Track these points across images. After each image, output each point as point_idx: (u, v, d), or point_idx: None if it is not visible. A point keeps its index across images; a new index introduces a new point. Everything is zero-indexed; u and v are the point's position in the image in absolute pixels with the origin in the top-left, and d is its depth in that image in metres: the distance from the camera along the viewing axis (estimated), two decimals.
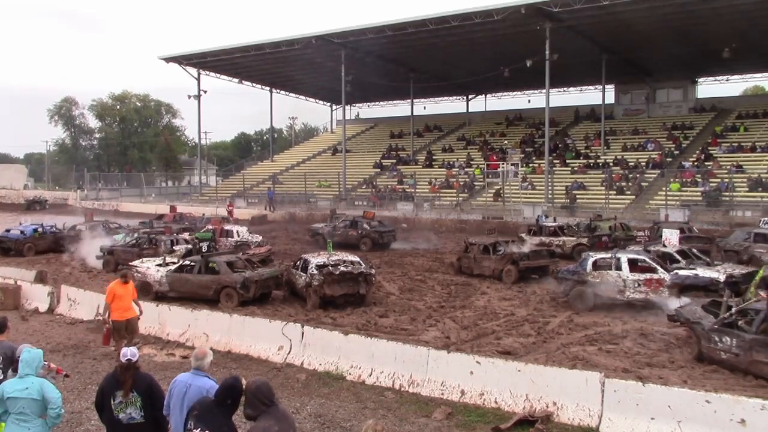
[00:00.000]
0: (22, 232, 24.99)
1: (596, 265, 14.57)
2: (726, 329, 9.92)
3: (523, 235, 23.75)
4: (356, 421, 8.08)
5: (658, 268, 14.19)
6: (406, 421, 8.12)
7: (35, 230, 25.24)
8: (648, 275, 14.07)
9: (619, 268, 14.29)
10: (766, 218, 23.29)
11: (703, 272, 14.16)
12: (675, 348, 11.33)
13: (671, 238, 17.15)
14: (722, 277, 13.71)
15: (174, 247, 20.39)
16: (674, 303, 13.49)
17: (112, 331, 10.88)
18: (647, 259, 14.57)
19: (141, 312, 11.23)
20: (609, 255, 14.90)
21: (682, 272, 14.13)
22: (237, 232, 24.04)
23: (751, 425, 6.79)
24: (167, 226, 25.56)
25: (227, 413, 4.48)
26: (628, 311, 14.08)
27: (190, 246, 19.21)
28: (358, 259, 16.14)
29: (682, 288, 13.69)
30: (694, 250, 16.92)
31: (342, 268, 15.00)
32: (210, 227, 25.49)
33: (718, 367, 9.86)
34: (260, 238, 24.39)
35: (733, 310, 10.16)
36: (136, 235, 22.71)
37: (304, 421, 8.07)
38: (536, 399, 8.24)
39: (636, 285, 14.04)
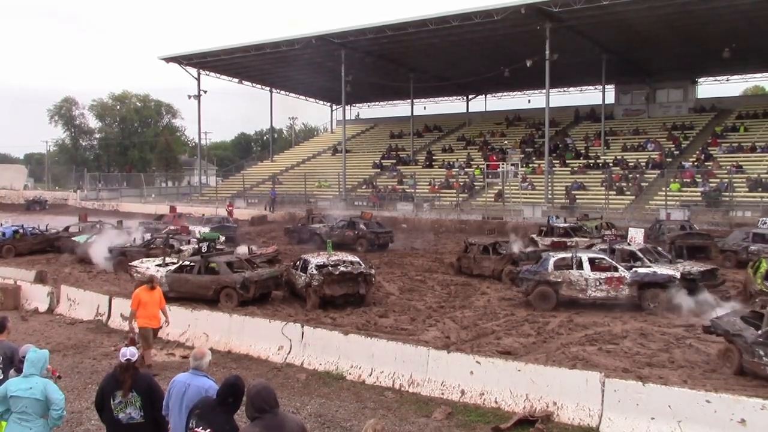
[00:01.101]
0: (3, 233, 24.46)
1: (558, 265, 14.80)
2: None
3: (533, 235, 23.71)
4: (356, 421, 8.08)
5: (619, 266, 14.58)
6: (406, 421, 8.12)
7: (15, 231, 24.65)
8: (609, 274, 14.45)
9: (580, 267, 14.58)
10: (764, 218, 23.36)
11: (661, 270, 14.69)
12: (675, 348, 11.34)
13: (636, 236, 17.71)
14: (679, 274, 14.35)
15: (182, 247, 20.29)
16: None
17: (137, 339, 10.35)
18: (608, 258, 15.02)
19: (168, 323, 10.88)
20: (569, 254, 15.21)
21: (641, 270, 14.62)
22: (199, 232, 24.00)
23: (751, 425, 6.79)
24: (184, 226, 25.29)
25: (229, 412, 4.49)
26: (627, 311, 14.13)
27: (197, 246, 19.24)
28: (357, 259, 16.16)
29: (641, 285, 14.16)
30: (659, 248, 17.78)
31: (342, 268, 15.00)
32: (172, 227, 25.46)
33: (764, 382, 9.36)
34: (223, 238, 24.33)
35: None
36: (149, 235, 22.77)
37: (304, 421, 8.04)
38: (536, 399, 8.23)
39: (597, 283, 14.37)
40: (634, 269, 14.60)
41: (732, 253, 20.29)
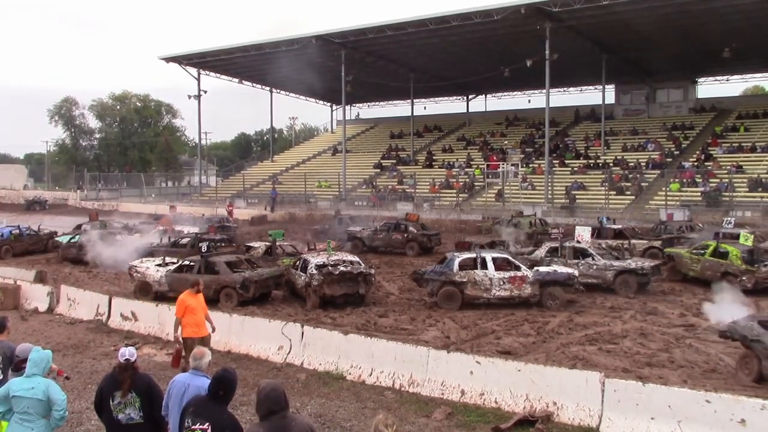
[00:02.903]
0: (1, 234, 24.48)
1: (462, 265, 14.97)
2: None
3: None
4: (356, 421, 8.08)
5: (521, 266, 14.99)
6: (406, 421, 8.11)
7: (11, 232, 24.77)
8: (512, 273, 14.77)
9: (485, 267, 14.83)
10: (729, 219, 23.41)
11: (561, 268, 15.26)
12: (675, 348, 11.33)
13: (583, 234, 18.13)
14: (577, 273, 15.02)
15: (253, 245, 20.31)
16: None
17: (183, 350, 9.61)
18: (510, 258, 15.40)
19: (214, 329, 10.12)
20: (474, 255, 15.41)
21: (542, 269, 15.12)
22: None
23: (751, 425, 6.78)
24: (211, 226, 25.24)
25: (222, 404, 4.49)
26: (628, 310, 14.12)
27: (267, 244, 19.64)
28: (357, 259, 16.17)
29: (543, 283, 14.61)
30: (603, 245, 18.96)
31: (341, 268, 15.01)
32: (160, 228, 25.41)
33: (764, 382, 9.04)
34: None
35: None
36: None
37: None
38: (536, 399, 8.23)
39: (501, 282, 14.67)
40: (536, 268, 15.04)
41: None
